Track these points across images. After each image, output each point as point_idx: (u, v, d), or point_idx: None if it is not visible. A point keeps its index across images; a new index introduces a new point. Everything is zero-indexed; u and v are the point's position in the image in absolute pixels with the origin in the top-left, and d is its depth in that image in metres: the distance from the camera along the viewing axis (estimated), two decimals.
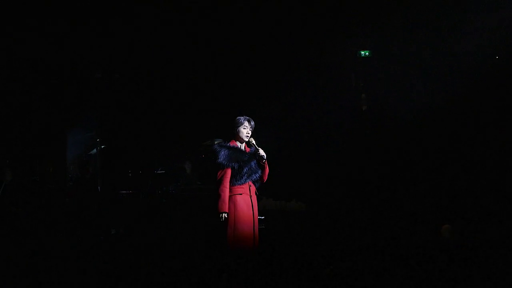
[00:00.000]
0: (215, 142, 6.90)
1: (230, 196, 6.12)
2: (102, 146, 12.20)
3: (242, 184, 6.18)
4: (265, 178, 6.36)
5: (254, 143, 6.28)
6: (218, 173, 6.16)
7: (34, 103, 12.14)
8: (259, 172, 6.27)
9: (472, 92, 10.17)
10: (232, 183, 6.16)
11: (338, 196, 10.93)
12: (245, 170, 6.16)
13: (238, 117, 6.36)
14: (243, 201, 6.15)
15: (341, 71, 12.05)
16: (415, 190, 10.20)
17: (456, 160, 9.97)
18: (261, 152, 6.20)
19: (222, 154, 6.15)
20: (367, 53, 11.86)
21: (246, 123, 6.31)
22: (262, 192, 9.51)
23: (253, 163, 6.23)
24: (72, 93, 12.39)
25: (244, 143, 6.35)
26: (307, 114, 12.30)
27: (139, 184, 11.60)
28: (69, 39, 11.29)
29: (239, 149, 6.25)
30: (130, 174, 12.20)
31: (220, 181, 6.15)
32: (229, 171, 6.14)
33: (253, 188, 6.26)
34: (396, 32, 11.23)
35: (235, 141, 6.36)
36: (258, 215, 6.26)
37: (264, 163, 6.23)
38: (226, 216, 6.01)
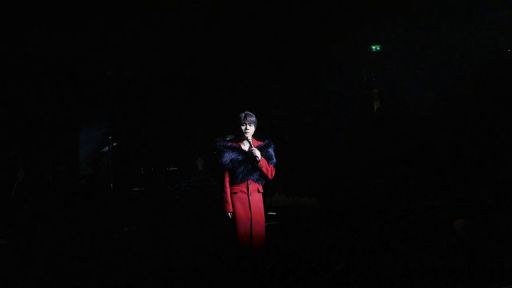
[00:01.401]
0: (227, 138, 7.08)
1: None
2: (114, 144, 11.99)
3: (239, 183, 6.22)
4: (269, 176, 6.35)
5: (251, 142, 6.26)
6: (219, 174, 6.30)
7: (46, 101, 12.17)
8: (258, 171, 6.28)
9: (487, 86, 9.94)
10: (230, 183, 6.23)
11: (351, 191, 10.72)
12: (241, 169, 6.20)
13: (240, 114, 6.38)
14: (238, 200, 6.20)
15: (352, 66, 11.83)
16: (429, 184, 9.86)
17: (470, 155, 9.60)
18: (255, 152, 6.19)
19: (221, 155, 6.23)
20: (378, 48, 11.69)
21: (244, 120, 6.30)
22: (274, 188, 10.73)
23: (251, 163, 6.23)
24: (84, 91, 12.40)
25: (251, 140, 6.32)
26: (318, 109, 12.13)
27: (151, 181, 11.54)
28: (80, 36, 11.30)
29: (236, 149, 6.24)
30: (142, 171, 12.05)
31: (220, 182, 6.28)
32: (227, 172, 6.22)
33: (253, 187, 6.26)
34: (407, 27, 11.09)
35: (238, 139, 6.38)
36: (270, 212, 6.43)
37: (258, 163, 6.22)
38: (231, 215, 6.13)
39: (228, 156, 6.18)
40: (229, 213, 6.10)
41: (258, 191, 6.31)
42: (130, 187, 11.27)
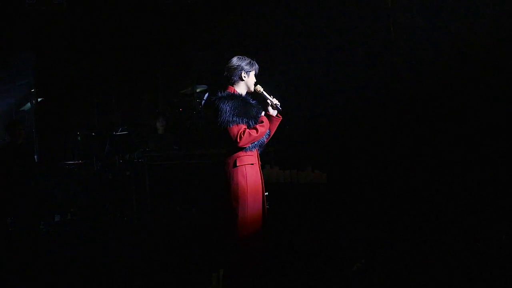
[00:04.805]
0: (197, 90, 7.23)
1: (238, 167, 5.51)
2: (40, 99, 11.61)
3: (252, 149, 5.59)
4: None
5: (264, 91, 5.76)
6: (234, 132, 5.45)
7: None
8: (269, 131, 5.74)
9: None
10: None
11: (372, 162, 9.37)
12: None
13: (247, 59, 5.65)
14: (255, 174, 5.58)
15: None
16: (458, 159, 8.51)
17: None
18: (275, 100, 5.74)
19: (230, 108, 5.49)
20: None
21: (256, 68, 5.75)
22: (265, 159, 9.56)
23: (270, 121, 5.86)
24: None
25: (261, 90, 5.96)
26: (327, 49, 10.15)
27: (91, 151, 10.74)
28: None
29: (246, 101, 5.64)
30: (79, 138, 11.08)
31: (242, 138, 5.39)
32: (245, 127, 5.59)
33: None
34: None
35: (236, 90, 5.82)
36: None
37: (279, 116, 5.81)
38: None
39: (243, 108, 5.44)
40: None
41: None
42: (62, 160, 10.77)
